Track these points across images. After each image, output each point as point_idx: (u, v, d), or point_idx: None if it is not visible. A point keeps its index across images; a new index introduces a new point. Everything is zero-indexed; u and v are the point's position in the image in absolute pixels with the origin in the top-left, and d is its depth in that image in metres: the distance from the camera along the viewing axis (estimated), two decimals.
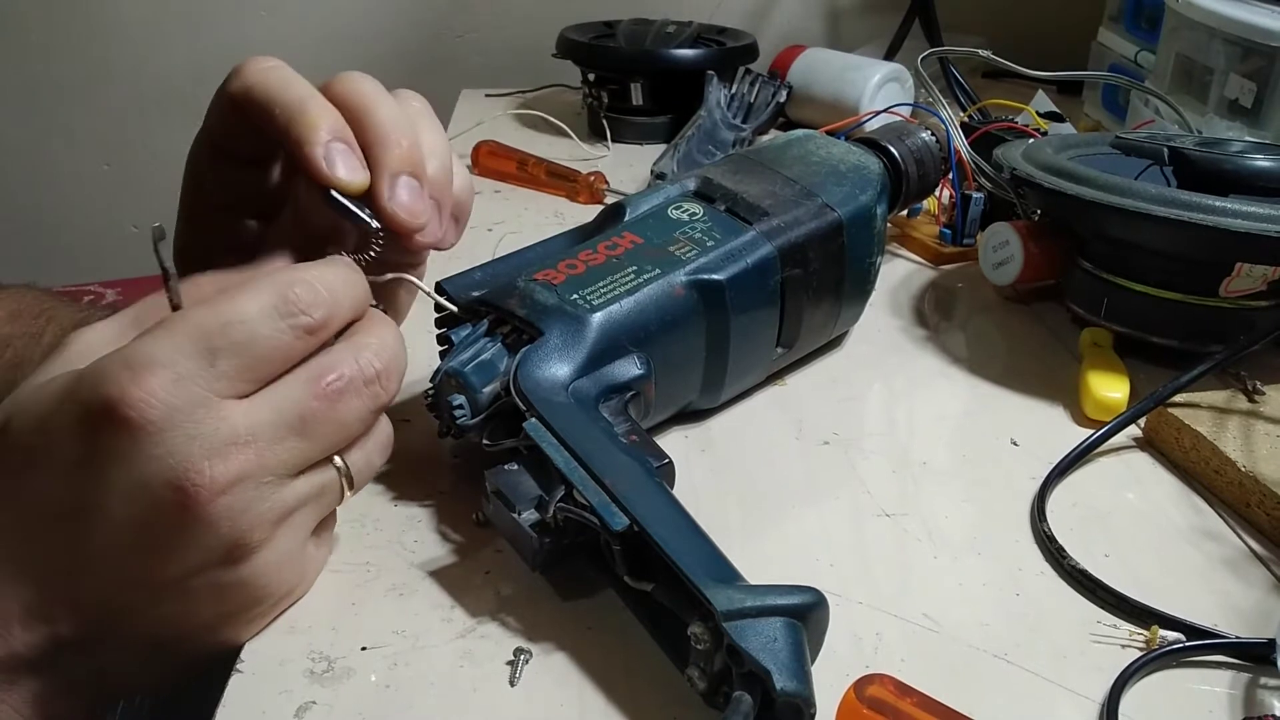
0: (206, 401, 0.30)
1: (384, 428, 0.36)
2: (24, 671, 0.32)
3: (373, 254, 0.37)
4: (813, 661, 0.31)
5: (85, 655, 0.33)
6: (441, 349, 0.43)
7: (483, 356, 0.40)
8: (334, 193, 0.36)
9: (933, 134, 0.59)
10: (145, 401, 0.29)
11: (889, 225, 0.64)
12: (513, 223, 0.73)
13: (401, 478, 0.42)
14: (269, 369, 0.32)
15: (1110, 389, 0.50)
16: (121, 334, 0.34)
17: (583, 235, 0.47)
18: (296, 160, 0.36)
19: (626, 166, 0.84)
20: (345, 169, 0.36)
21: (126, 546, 0.31)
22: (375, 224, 0.36)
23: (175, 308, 0.33)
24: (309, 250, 0.37)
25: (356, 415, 0.34)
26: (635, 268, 0.44)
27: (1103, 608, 0.38)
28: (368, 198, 0.36)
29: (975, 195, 0.67)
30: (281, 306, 0.32)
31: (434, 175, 0.38)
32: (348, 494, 0.35)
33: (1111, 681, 0.34)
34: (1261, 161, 0.53)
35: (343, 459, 0.34)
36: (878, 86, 0.90)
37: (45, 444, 0.31)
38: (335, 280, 0.34)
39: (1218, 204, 0.48)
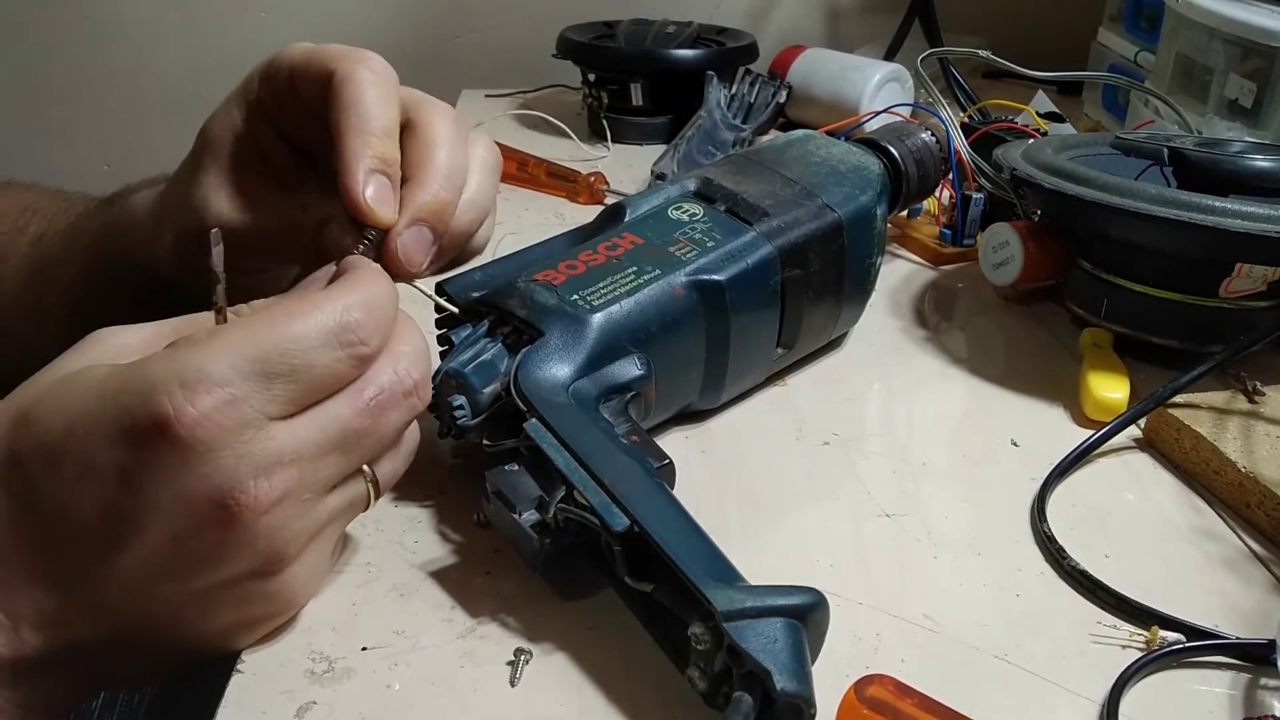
0: (257, 422, 0.30)
1: (413, 434, 0.36)
2: (30, 672, 0.31)
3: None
4: (813, 662, 0.31)
5: (95, 657, 0.32)
6: (442, 349, 0.43)
7: (483, 357, 0.40)
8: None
9: (933, 134, 0.59)
10: (198, 421, 0.29)
11: (889, 226, 0.64)
12: (513, 223, 0.73)
13: (402, 478, 0.42)
14: (320, 394, 0.32)
15: (1110, 389, 0.50)
16: (158, 339, 0.33)
17: (583, 236, 0.47)
18: (338, 169, 0.36)
19: (626, 167, 0.84)
20: (377, 200, 0.36)
21: (160, 560, 0.30)
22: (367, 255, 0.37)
23: (220, 315, 0.33)
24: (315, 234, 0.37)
25: (395, 427, 0.34)
26: (635, 268, 0.44)
27: (1103, 608, 0.38)
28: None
29: (975, 196, 0.67)
30: (341, 335, 0.31)
31: (457, 229, 0.39)
32: (374, 502, 0.35)
33: (1111, 682, 0.34)
34: (1261, 162, 0.53)
35: (372, 469, 0.34)
36: (877, 87, 0.90)
37: (81, 449, 0.30)
38: (386, 301, 0.33)
39: (1217, 204, 0.48)
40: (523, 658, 0.34)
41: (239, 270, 0.39)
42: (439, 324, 0.44)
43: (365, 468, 0.34)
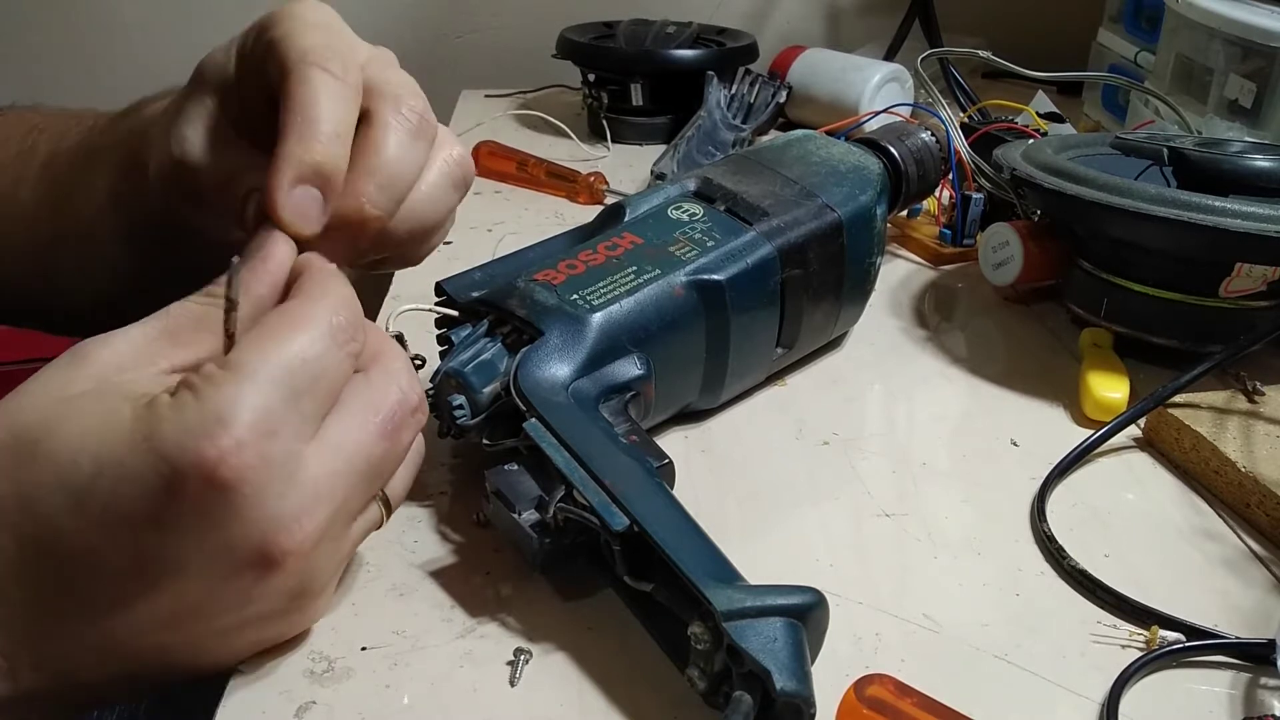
0: (290, 450, 0.29)
1: (418, 448, 0.36)
2: (20, 706, 0.30)
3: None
4: (813, 661, 0.31)
5: (96, 692, 0.32)
6: (441, 349, 0.43)
7: (483, 357, 0.40)
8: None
9: (933, 134, 0.59)
10: (245, 463, 0.28)
11: (889, 226, 0.64)
12: (513, 223, 0.73)
13: None
14: (332, 402, 0.31)
15: (1110, 389, 0.50)
16: (151, 345, 0.31)
17: (583, 235, 0.47)
18: (270, 173, 0.34)
19: (626, 167, 0.84)
20: (297, 214, 0.34)
21: (191, 604, 0.30)
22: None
23: (230, 340, 0.32)
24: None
25: (407, 446, 0.34)
26: (635, 268, 0.44)
27: (1103, 608, 0.38)
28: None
29: (975, 196, 0.67)
30: (338, 335, 0.31)
31: (392, 233, 0.37)
32: (385, 522, 0.35)
33: (1111, 682, 0.34)
34: (1261, 162, 0.53)
35: (384, 491, 0.34)
36: (877, 87, 0.90)
37: (113, 494, 0.28)
38: (355, 298, 0.33)
39: (1217, 204, 0.48)
40: (522, 658, 0.34)
41: (206, 207, 0.39)
42: (438, 324, 0.44)
43: (380, 491, 0.34)
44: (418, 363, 0.42)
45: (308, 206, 0.34)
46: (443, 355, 0.43)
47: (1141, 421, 0.49)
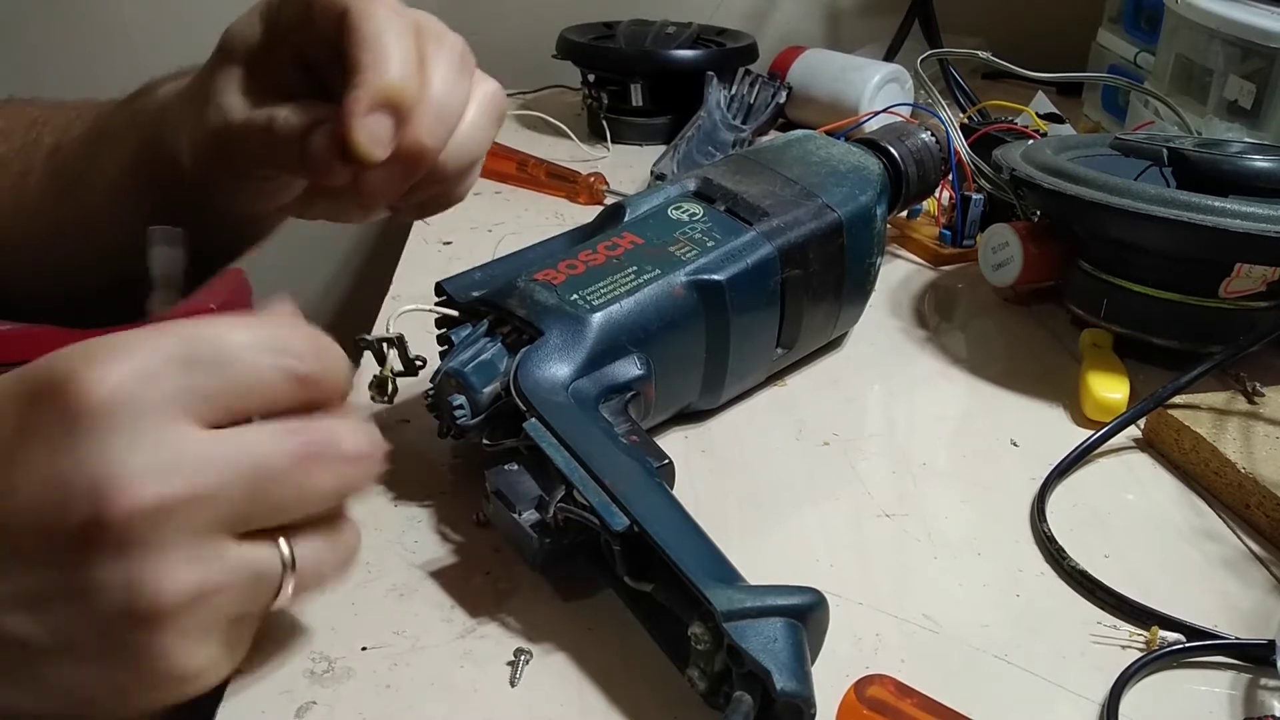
0: (164, 412, 0.27)
1: (350, 532, 0.32)
2: None
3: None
4: (813, 662, 0.31)
5: None
6: (442, 349, 0.43)
7: (483, 357, 0.40)
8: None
9: (932, 135, 0.59)
10: (96, 382, 0.26)
11: (889, 226, 0.64)
12: (513, 223, 0.73)
13: (401, 478, 0.42)
14: (245, 403, 0.28)
15: (1110, 390, 0.50)
16: None
17: (583, 236, 0.47)
18: (344, 106, 0.35)
19: (626, 167, 0.84)
20: (371, 140, 0.35)
21: (18, 548, 0.26)
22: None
23: (154, 319, 0.30)
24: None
25: (322, 490, 0.29)
26: (635, 268, 0.44)
27: (1103, 608, 0.38)
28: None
29: (975, 196, 0.67)
30: (273, 343, 0.29)
31: (443, 166, 0.38)
32: (284, 595, 0.29)
33: (1111, 682, 0.34)
34: (1260, 162, 0.53)
35: (290, 546, 0.29)
36: (877, 87, 0.90)
37: None
38: (332, 347, 0.30)
39: (1217, 204, 0.48)
40: (523, 658, 0.34)
41: (249, 176, 0.39)
42: (438, 324, 0.44)
43: (281, 541, 0.29)
44: (419, 363, 0.42)
45: (381, 131, 0.35)
46: (443, 355, 0.43)
47: (1141, 422, 0.49)
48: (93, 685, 0.28)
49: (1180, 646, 0.35)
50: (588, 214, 0.69)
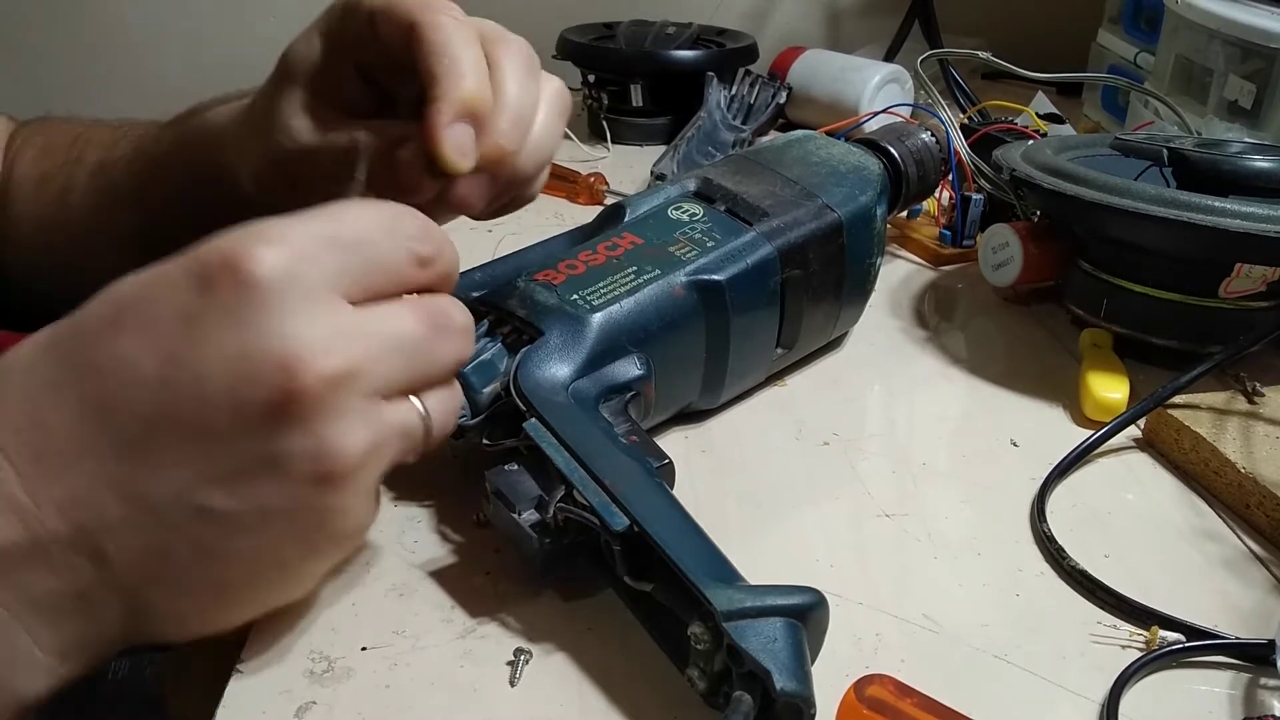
0: (324, 289, 0.29)
1: (457, 388, 0.36)
2: (27, 563, 0.28)
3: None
4: (813, 662, 0.31)
5: (123, 572, 0.29)
6: None
7: (483, 357, 0.40)
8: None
9: (932, 135, 0.59)
10: (270, 264, 0.28)
11: (889, 226, 0.64)
12: (513, 223, 0.73)
13: (401, 478, 0.42)
14: (384, 282, 0.31)
15: (1110, 390, 0.50)
16: None
17: (583, 236, 0.47)
18: (426, 108, 0.36)
19: (626, 168, 0.85)
20: (456, 150, 0.36)
21: (211, 427, 0.28)
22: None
23: None
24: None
25: (449, 358, 0.33)
26: (635, 268, 0.44)
27: (1102, 608, 0.38)
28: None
29: (975, 196, 0.67)
30: (398, 228, 0.32)
31: (519, 172, 0.39)
32: (428, 442, 0.34)
33: (1111, 682, 0.34)
34: (1260, 162, 0.53)
35: (423, 404, 0.33)
36: (877, 88, 0.90)
37: (148, 299, 0.29)
38: (444, 234, 0.34)
39: (1217, 205, 0.48)
40: (522, 658, 0.34)
41: (316, 191, 0.39)
42: None
43: (417, 400, 0.33)
44: None
45: (465, 141, 0.36)
46: None
47: (1141, 422, 0.49)
48: (282, 551, 0.31)
49: (1180, 646, 0.35)
50: (588, 214, 0.69)
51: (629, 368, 0.41)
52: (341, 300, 0.30)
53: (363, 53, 0.40)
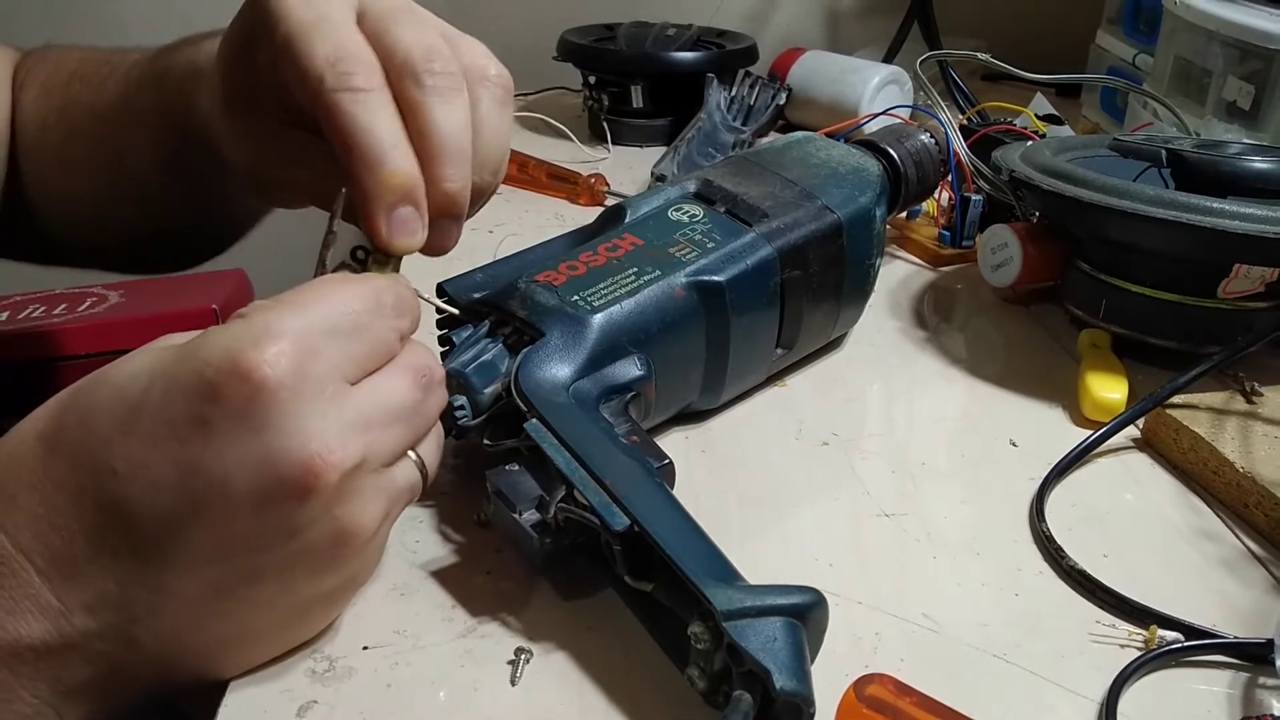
0: (334, 382, 0.30)
1: (440, 431, 0.37)
2: (72, 656, 0.30)
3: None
4: (812, 661, 0.31)
5: (152, 653, 0.31)
6: (443, 350, 0.43)
7: (484, 357, 0.40)
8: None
9: (932, 136, 0.59)
10: (285, 370, 0.29)
11: (888, 227, 0.64)
12: (513, 224, 0.73)
13: None
14: (377, 361, 0.33)
15: (1109, 390, 0.50)
16: None
17: (583, 237, 0.48)
18: (359, 206, 0.34)
19: (627, 169, 0.85)
20: (403, 236, 0.35)
21: (239, 526, 0.29)
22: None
23: (323, 268, 0.35)
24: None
25: (437, 411, 0.35)
26: (636, 269, 0.44)
27: (1101, 608, 0.38)
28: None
29: (974, 197, 0.67)
30: (382, 307, 0.33)
31: (475, 187, 0.37)
32: (423, 486, 0.35)
33: (1110, 681, 0.34)
34: (1259, 163, 0.53)
35: (416, 453, 0.34)
36: (877, 89, 0.90)
37: (160, 404, 0.29)
38: (413, 297, 0.35)
39: (1215, 205, 0.48)
40: (523, 657, 0.34)
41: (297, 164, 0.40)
42: (440, 324, 0.44)
43: (411, 454, 0.34)
44: None
45: (411, 224, 0.35)
46: (444, 356, 0.43)
47: (1140, 422, 0.49)
48: (303, 600, 0.33)
49: (1179, 645, 0.35)
50: (588, 215, 0.69)
51: (629, 368, 0.42)
52: (346, 386, 0.31)
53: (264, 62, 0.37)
